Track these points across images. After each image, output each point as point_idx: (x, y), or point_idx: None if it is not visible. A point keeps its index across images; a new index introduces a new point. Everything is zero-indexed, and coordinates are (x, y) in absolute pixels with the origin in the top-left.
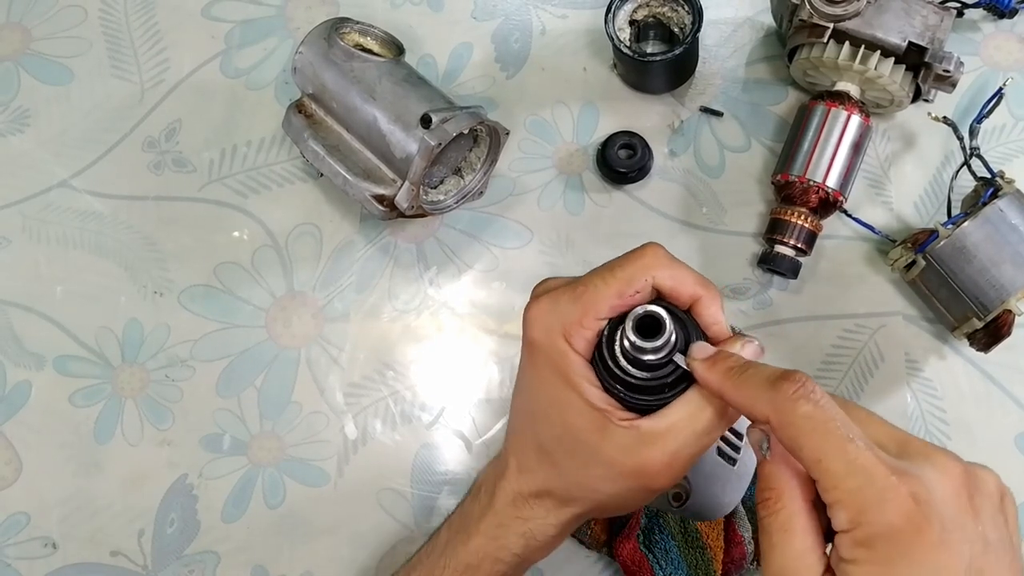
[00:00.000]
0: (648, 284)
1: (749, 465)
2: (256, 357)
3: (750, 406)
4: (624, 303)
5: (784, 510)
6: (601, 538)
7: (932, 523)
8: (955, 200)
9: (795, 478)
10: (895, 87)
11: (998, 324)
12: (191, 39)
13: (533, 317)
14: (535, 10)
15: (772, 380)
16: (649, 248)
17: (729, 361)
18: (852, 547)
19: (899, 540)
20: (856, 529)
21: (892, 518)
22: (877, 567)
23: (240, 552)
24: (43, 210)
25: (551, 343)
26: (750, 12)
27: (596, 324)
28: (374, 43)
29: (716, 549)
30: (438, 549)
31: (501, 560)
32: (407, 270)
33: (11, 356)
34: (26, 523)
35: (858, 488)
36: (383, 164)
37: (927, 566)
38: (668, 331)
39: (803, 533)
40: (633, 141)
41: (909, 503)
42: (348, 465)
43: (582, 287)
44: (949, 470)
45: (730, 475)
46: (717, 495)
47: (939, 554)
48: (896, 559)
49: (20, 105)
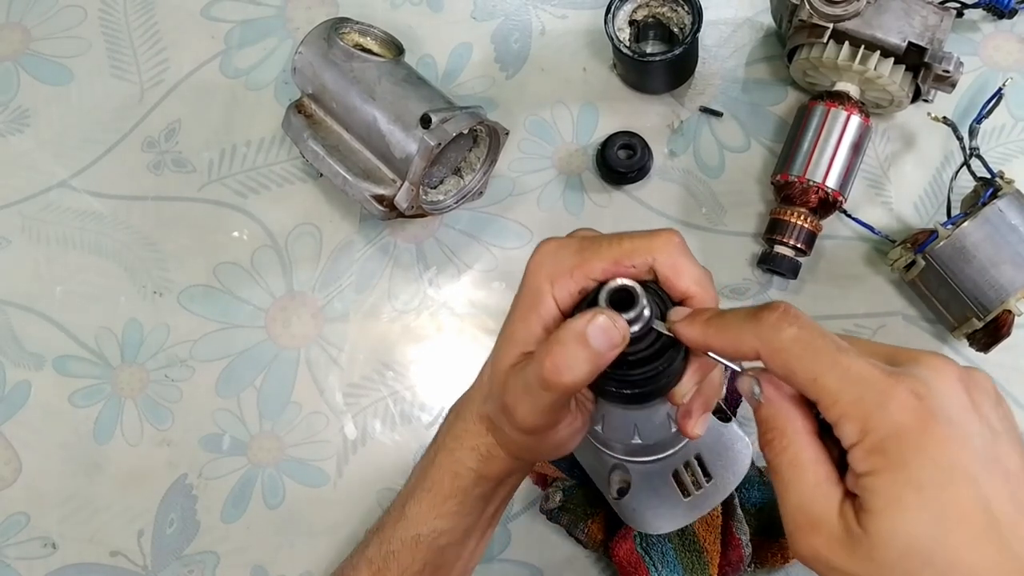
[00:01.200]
0: (647, 263)
1: (702, 504)
2: (256, 357)
3: (737, 344)
4: (616, 271)
5: (791, 446)
6: (598, 537)
7: (938, 417)
8: (955, 200)
9: (795, 413)
10: (895, 87)
11: (998, 324)
12: (191, 39)
13: (535, 253)
14: (535, 10)
15: (753, 314)
16: (665, 232)
17: (706, 314)
18: (866, 458)
19: (909, 438)
20: (865, 438)
21: (898, 418)
22: (894, 471)
23: (240, 552)
24: (43, 210)
25: (536, 281)
26: (750, 12)
27: (584, 281)
28: (374, 43)
29: (713, 553)
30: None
31: (459, 475)
32: (407, 270)
33: (11, 356)
34: (26, 523)
35: (859, 397)
36: (383, 164)
37: (943, 459)
38: (641, 305)
39: (815, 464)
40: (633, 141)
41: (912, 400)
42: (348, 465)
43: (587, 243)
44: (943, 369)
45: (677, 503)
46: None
47: (951, 445)
48: (911, 458)
49: (20, 105)
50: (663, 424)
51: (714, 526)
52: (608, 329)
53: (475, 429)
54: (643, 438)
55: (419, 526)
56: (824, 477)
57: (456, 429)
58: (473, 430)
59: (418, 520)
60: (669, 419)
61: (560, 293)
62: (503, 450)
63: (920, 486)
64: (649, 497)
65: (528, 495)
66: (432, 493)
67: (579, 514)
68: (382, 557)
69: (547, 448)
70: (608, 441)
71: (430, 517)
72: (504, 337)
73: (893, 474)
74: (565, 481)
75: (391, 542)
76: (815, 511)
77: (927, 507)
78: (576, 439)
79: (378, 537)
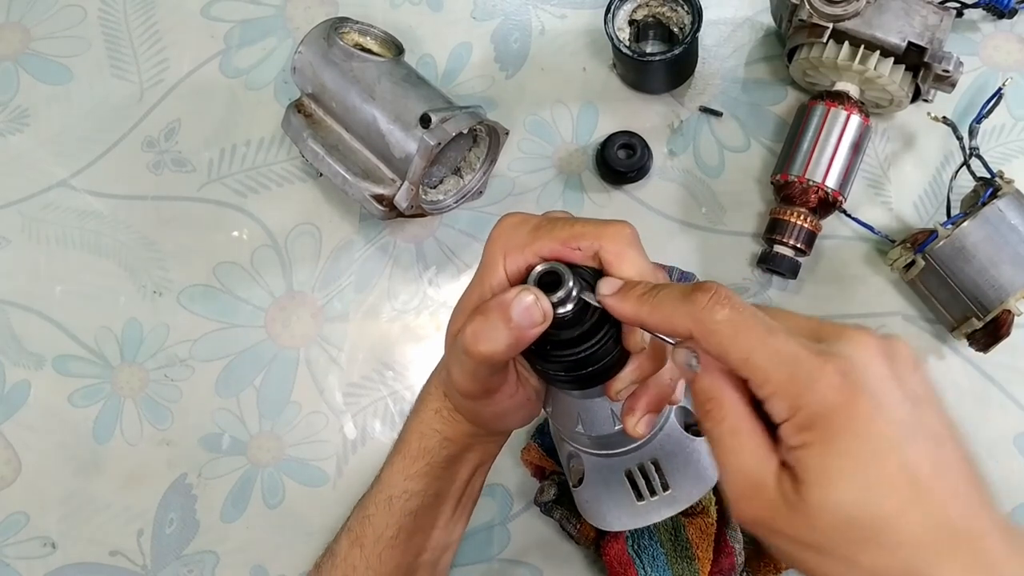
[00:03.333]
0: (592, 248)
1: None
2: (255, 357)
3: (669, 324)
4: (561, 253)
5: (729, 415)
6: (590, 535)
7: (863, 393)
8: (954, 200)
9: (730, 384)
10: (895, 87)
11: (997, 324)
12: (190, 39)
13: (496, 225)
14: (535, 10)
15: (686, 294)
16: (618, 224)
17: (638, 288)
18: (796, 433)
19: (836, 415)
20: (796, 415)
21: (825, 396)
22: (824, 445)
23: (239, 552)
24: (42, 210)
25: (491, 253)
26: (750, 12)
27: (533, 258)
28: (373, 43)
29: (704, 560)
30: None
31: (424, 435)
32: (406, 270)
33: (10, 356)
34: (25, 523)
35: (788, 376)
36: (382, 164)
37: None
38: (567, 287)
39: (752, 432)
40: (632, 141)
41: (837, 379)
42: (347, 465)
43: (544, 222)
44: (864, 342)
45: (629, 504)
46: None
47: (877, 418)
48: (838, 433)
49: (20, 105)
50: (607, 419)
51: (708, 532)
52: (530, 307)
53: (435, 392)
54: (586, 429)
55: (391, 488)
56: (761, 443)
57: (422, 393)
58: (434, 393)
59: (389, 482)
60: (614, 416)
61: (511, 267)
62: (458, 412)
63: (849, 459)
64: (600, 492)
65: (528, 495)
66: (402, 455)
67: (572, 510)
68: (359, 523)
69: (490, 415)
70: (560, 427)
71: (400, 479)
72: (458, 303)
73: (823, 447)
74: (561, 475)
75: (367, 507)
76: (756, 476)
77: (856, 478)
78: (521, 413)
79: (358, 507)
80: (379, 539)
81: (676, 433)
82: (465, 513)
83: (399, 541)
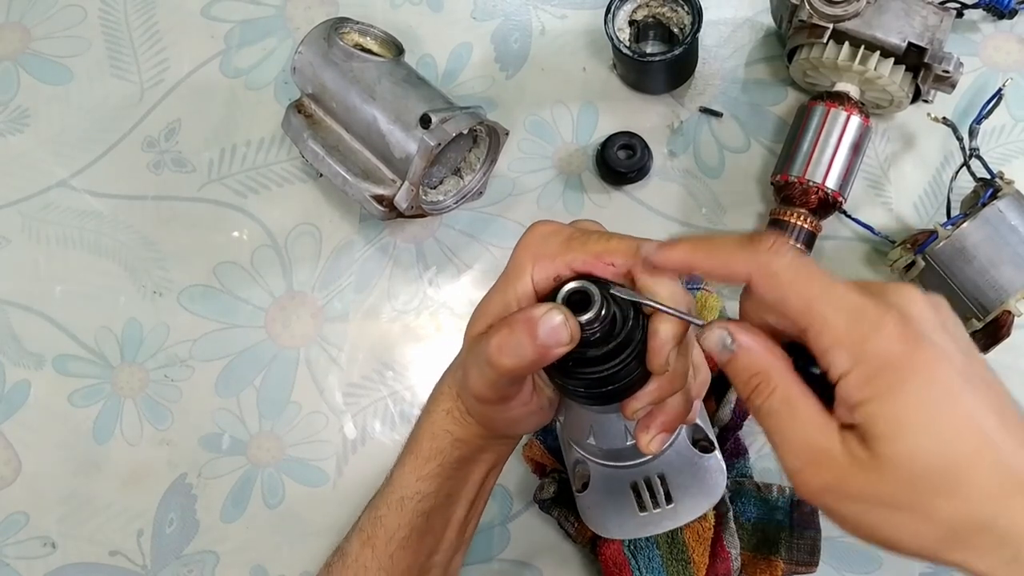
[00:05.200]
0: (626, 266)
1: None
2: (255, 357)
3: (727, 268)
4: (594, 267)
5: (780, 385)
6: (587, 534)
7: (924, 341)
8: (954, 201)
9: (775, 353)
10: (895, 87)
11: (997, 325)
12: (191, 39)
13: (528, 231)
14: (535, 10)
15: (746, 240)
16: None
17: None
18: (860, 387)
19: (902, 364)
20: (858, 367)
21: (890, 344)
22: (891, 396)
23: (239, 552)
24: (42, 210)
25: (520, 258)
26: (750, 12)
27: (564, 269)
28: (374, 43)
29: (700, 564)
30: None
31: (436, 436)
32: (406, 270)
33: (10, 356)
34: (25, 523)
35: (852, 324)
36: (382, 164)
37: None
38: (596, 310)
39: (807, 398)
40: (632, 141)
41: (899, 328)
42: (347, 465)
43: (577, 234)
44: (913, 296)
45: (631, 515)
46: (608, 519)
47: (940, 366)
48: (905, 382)
49: (20, 105)
50: (620, 434)
51: (704, 537)
52: (558, 327)
53: (448, 392)
54: (598, 441)
55: (403, 488)
56: (818, 410)
57: (435, 392)
58: (447, 393)
59: (401, 483)
60: (627, 431)
61: (539, 275)
62: (470, 415)
63: (919, 408)
64: (604, 500)
65: (528, 495)
66: (414, 455)
67: (571, 508)
68: (371, 523)
69: (502, 421)
70: (571, 436)
71: (412, 479)
72: (480, 306)
73: (892, 398)
74: (562, 473)
75: (378, 508)
76: (819, 442)
77: (929, 427)
78: (533, 420)
79: (369, 507)
80: (391, 539)
81: (685, 449)
82: (476, 513)
83: (411, 541)
